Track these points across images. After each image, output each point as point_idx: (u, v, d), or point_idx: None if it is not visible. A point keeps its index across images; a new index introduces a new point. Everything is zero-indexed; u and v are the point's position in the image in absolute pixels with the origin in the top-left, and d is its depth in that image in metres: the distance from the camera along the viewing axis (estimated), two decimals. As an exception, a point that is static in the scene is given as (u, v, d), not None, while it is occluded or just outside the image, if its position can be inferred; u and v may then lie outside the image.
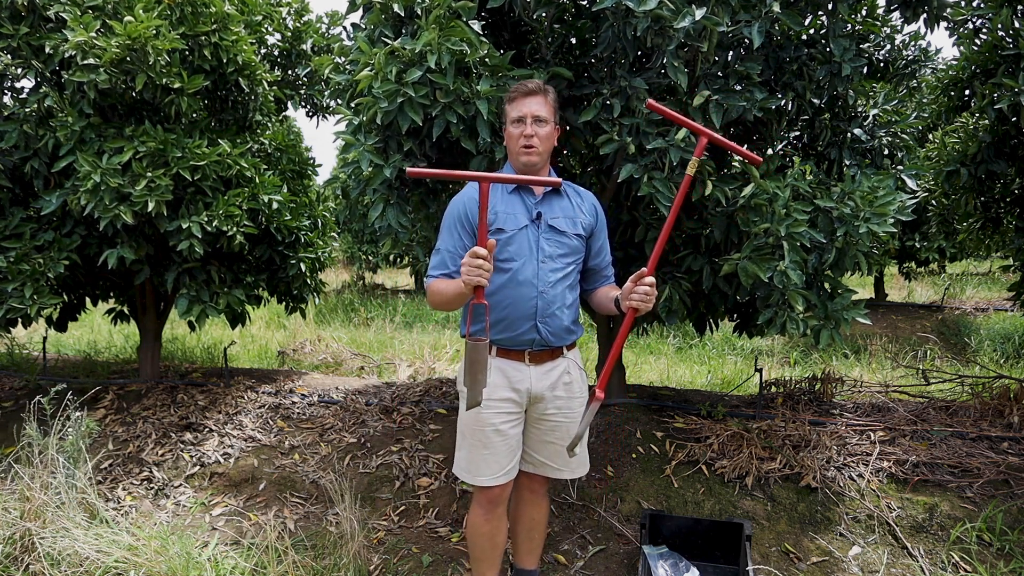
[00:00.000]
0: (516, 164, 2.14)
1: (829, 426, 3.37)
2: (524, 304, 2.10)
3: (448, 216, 2.16)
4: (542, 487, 2.37)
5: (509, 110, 2.12)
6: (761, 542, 2.71)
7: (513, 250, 2.10)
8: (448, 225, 2.15)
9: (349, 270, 14.09)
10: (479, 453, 2.15)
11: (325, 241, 4.54)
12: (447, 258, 2.13)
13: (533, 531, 2.40)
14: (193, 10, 3.47)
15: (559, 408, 2.21)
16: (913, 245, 8.61)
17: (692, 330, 5.96)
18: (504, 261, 2.10)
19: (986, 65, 3.33)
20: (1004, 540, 2.62)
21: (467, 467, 2.19)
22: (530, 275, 2.10)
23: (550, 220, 2.13)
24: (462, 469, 2.22)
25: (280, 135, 4.27)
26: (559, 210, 2.16)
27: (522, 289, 2.10)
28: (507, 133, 2.14)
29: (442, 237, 2.16)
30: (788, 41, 2.69)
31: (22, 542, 2.58)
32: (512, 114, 2.10)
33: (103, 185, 3.21)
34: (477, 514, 2.24)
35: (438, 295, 2.08)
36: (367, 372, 6.03)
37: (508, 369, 2.15)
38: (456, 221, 2.13)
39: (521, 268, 2.10)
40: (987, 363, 5.75)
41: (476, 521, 2.24)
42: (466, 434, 2.18)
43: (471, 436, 2.16)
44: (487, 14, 2.85)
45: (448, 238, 2.14)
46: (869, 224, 2.47)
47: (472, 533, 2.26)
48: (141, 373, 4.54)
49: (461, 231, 2.12)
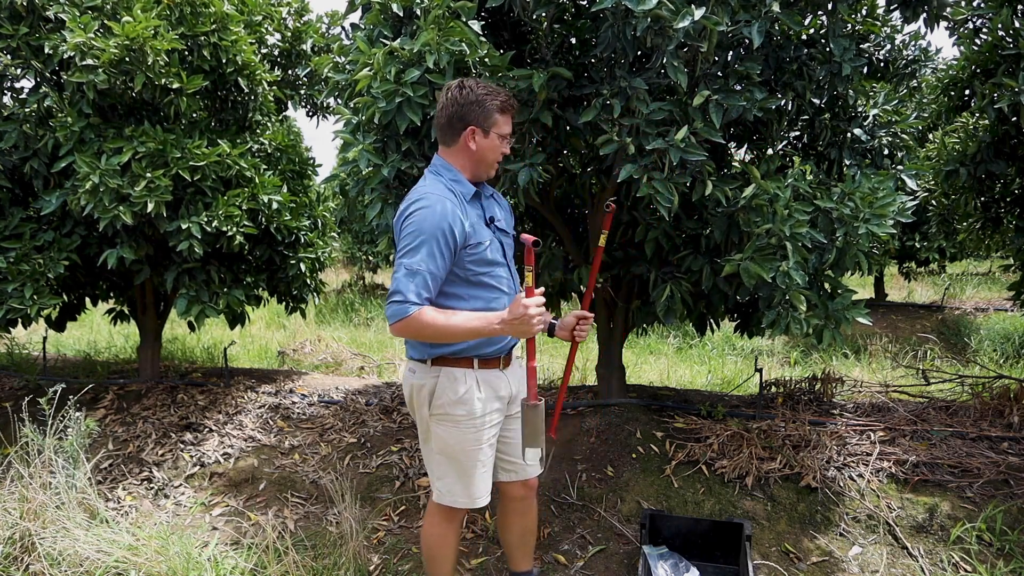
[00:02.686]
0: (477, 171, 2.03)
1: (829, 426, 3.37)
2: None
3: (428, 231, 1.87)
4: (533, 492, 2.32)
5: (500, 120, 1.98)
6: (761, 542, 2.71)
7: (491, 259, 2.02)
8: (428, 241, 1.86)
9: (349, 270, 14.08)
10: (476, 473, 2.08)
11: (325, 241, 4.54)
12: (430, 281, 1.87)
13: (527, 536, 2.36)
14: (192, 10, 3.47)
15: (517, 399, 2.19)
16: (913, 245, 8.61)
17: (692, 330, 5.96)
18: (485, 273, 2.01)
19: (986, 65, 3.33)
20: (1004, 540, 2.62)
21: (463, 491, 2.09)
22: (507, 281, 2.09)
23: (498, 223, 2.09)
24: (456, 495, 2.09)
25: (280, 135, 4.26)
26: (499, 212, 2.12)
27: (507, 298, 2.06)
28: (486, 141, 1.98)
29: (420, 255, 1.86)
30: (788, 41, 2.69)
31: (22, 542, 2.58)
32: (503, 128, 1.99)
33: (102, 186, 3.21)
34: (447, 529, 2.17)
35: (434, 329, 1.85)
36: (367, 372, 6.03)
37: (491, 379, 2.07)
38: (441, 239, 1.88)
39: (502, 278, 2.07)
40: (987, 363, 5.75)
41: (446, 536, 2.18)
42: (459, 458, 2.06)
43: (465, 459, 2.06)
44: (487, 14, 2.85)
45: (429, 258, 1.86)
46: (869, 225, 2.47)
47: (440, 545, 2.19)
48: (141, 373, 4.54)
49: (445, 251, 1.89)
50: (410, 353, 2.10)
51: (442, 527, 2.17)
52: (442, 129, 2.01)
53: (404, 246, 1.89)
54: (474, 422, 2.03)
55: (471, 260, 1.96)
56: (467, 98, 1.94)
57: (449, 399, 2.01)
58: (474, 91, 1.95)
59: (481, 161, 2.01)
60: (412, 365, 2.09)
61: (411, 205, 1.92)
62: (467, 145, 1.98)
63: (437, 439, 2.07)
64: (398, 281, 1.86)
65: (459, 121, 1.96)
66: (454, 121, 1.97)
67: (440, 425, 2.05)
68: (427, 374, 2.04)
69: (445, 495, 2.11)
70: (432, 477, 2.15)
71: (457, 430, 2.03)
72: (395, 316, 1.84)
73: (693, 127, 2.38)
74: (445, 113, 1.98)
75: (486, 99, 1.95)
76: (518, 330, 1.83)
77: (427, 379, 2.03)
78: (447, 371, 2.02)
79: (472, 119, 1.96)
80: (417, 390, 2.06)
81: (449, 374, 2.01)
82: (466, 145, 1.98)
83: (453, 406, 2.01)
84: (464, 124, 1.96)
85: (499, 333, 1.88)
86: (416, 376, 2.07)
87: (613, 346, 3.64)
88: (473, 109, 1.95)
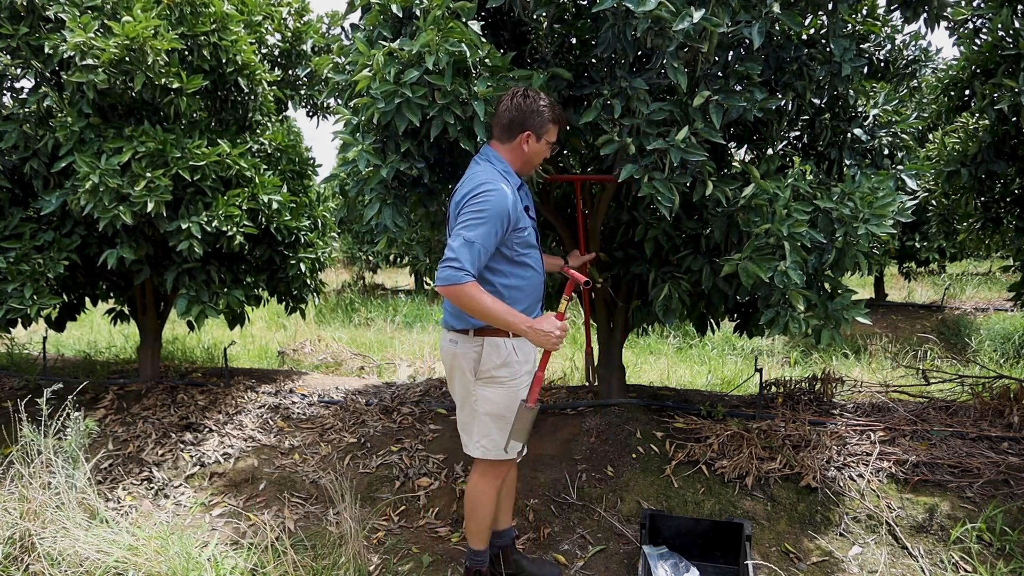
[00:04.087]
0: (523, 169, 2.30)
1: (829, 426, 3.37)
2: (540, 290, 2.34)
3: (493, 213, 2.06)
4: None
5: (552, 130, 2.23)
6: (761, 542, 2.71)
7: (531, 243, 2.27)
8: (491, 220, 2.06)
9: (349, 270, 14.08)
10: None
11: (325, 241, 4.54)
12: (483, 256, 2.07)
13: (511, 491, 2.60)
14: (192, 10, 3.47)
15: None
16: (913, 245, 8.61)
17: (692, 330, 5.96)
18: (526, 255, 2.24)
19: (986, 65, 3.33)
20: (1004, 540, 2.62)
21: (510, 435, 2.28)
22: (540, 263, 2.33)
23: (531, 213, 2.31)
24: (500, 449, 2.30)
25: (280, 135, 4.26)
26: (529, 201, 2.34)
27: (539, 277, 2.32)
28: (538, 146, 2.24)
29: (481, 231, 2.05)
30: (788, 41, 2.69)
31: (22, 542, 2.58)
32: (552, 136, 2.25)
33: (102, 185, 3.21)
34: (493, 483, 2.38)
35: (477, 304, 2.03)
36: (367, 372, 6.03)
37: (523, 345, 2.28)
38: (499, 223, 2.08)
39: (537, 260, 2.31)
40: (987, 363, 5.75)
41: (490, 490, 2.38)
42: (504, 415, 2.28)
43: (509, 415, 2.27)
44: (486, 14, 2.85)
45: (487, 236, 2.06)
46: (868, 225, 2.47)
47: (487, 499, 2.38)
48: (141, 373, 4.54)
49: (500, 232, 2.10)
50: (452, 323, 2.29)
51: (487, 481, 2.38)
52: (502, 128, 2.24)
53: (468, 220, 2.07)
54: (516, 381, 2.28)
55: (518, 242, 2.20)
56: (530, 106, 2.19)
57: (494, 363, 2.24)
58: (536, 101, 2.20)
59: (528, 162, 2.28)
60: (453, 336, 2.29)
61: (481, 185, 2.11)
62: (521, 146, 2.23)
63: (484, 401, 2.29)
64: (457, 249, 2.03)
65: (519, 125, 2.21)
66: (515, 123, 2.21)
67: (487, 388, 2.28)
68: (470, 344, 2.25)
69: (491, 450, 2.32)
70: (476, 437, 2.34)
71: (503, 389, 2.27)
72: (448, 280, 2.01)
73: (693, 127, 2.38)
74: (508, 115, 2.21)
75: (544, 110, 2.21)
76: (540, 340, 2.11)
77: (471, 348, 2.25)
78: (490, 340, 2.23)
79: (530, 125, 2.21)
80: (462, 358, 2.27)
81: (492, 342, 2.23)
82: (520, 146, 2.23)
83: (498, 369, 2.24)
84: (523, 128, 2.21)
85: (522, 334, 2.13)
86: (459, 346, 2.27)
87: (613, 346, 3.64)
88: (533, 117, 2.20)
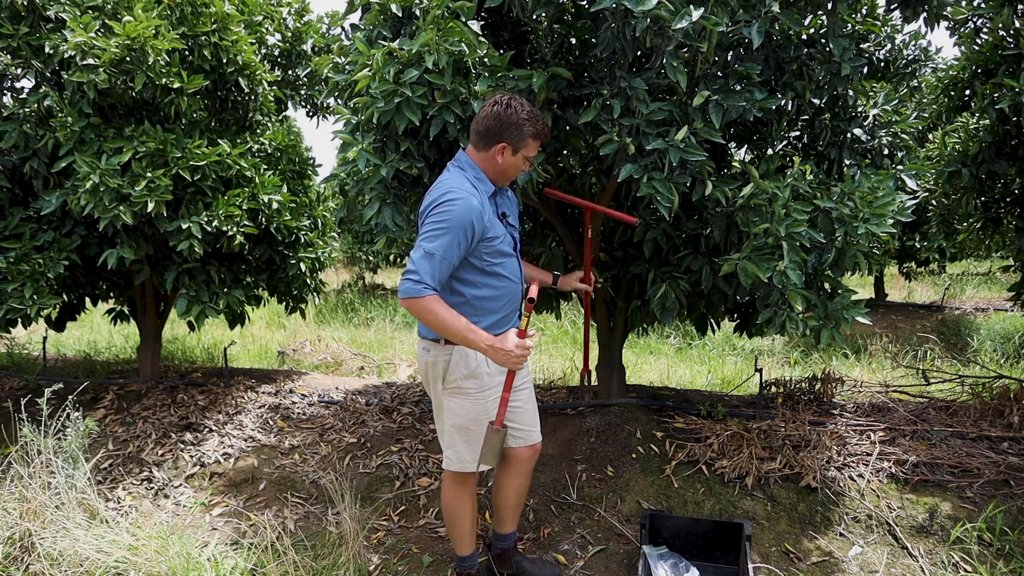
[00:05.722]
0: (496, 180, 2.20)
1: (829, 426, 3.37)
2: (517, 298, 2.28)
3: (455, 223, 1.99)
4: (536, 455, 2.46)
5: (531, 145, 2.15)
6: (761, 542, 2.71)
7: (504, 251, 2.20)
8: (453, 231, 1.99)
9: (349, 270, 14.08)
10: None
11: (325, 241, 4.54)
12: (445, 269, 2.01)
13: (520, 497, 2.50)
14: (193, 10, 3.47)
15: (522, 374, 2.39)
16: (913, 245, 8.60)
17: (692, 330, 5.96)
18: (498, 264, 2.18)
19: (987, 65, 3.33)
20: (1004, 540, 2.62)
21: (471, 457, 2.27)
22: (516, 272, 2.27)
23: (509, 219, 2.28)
24: (464, 461, 2.27)
25: (280, 135, 4.26)
26: (509, 209, 2.31)
27: (515, 286, 2.26)
28: (513, 159, 2.15)
29: (442, 242, 1.99)
30: (788, 41, 2.69)
31: (22, 542, 2.58)
32: (531, 151, 2.17)
33: (102, 185, 3.21)
34: (461, 492, 2.36)
35: (435, 318, 1.98)
36: (367, 372, 6.03)
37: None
38: (462, 233, 2.01)
39: (513, 268, 2.25)
40: (987, 363, 5.75)
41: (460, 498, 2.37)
42: (470, 427, 2.24)
43: (476, 427, 2.23)
44: (486, 14, 2.85)
45: (449, 248, 2.00)
46: (868, 225, 2.46)
47: (457, 508, 2.38)
48: (141, 373, 4.54)
49: (463, 243, 2.03)
50: (424, 332, 2.24)
51: (456, 490, 2.36)
52: (478, 135, 2.15)
53: (429, 231, 2.01)
54: (483, 394, 2.21)
55: (487, 252, 2.13)
56: (509, 118, 2.09)
57: (461, 374, 2.18)
58: (517, 113, 2.10)
59: (503, 174, 2.19)
60: (426, 344, 2.24)
61: (444, 195, 2.04)
62: (495, 157, 2.14)
63: (450, 412, 2.25)
64: (417, 261, 1.98)
65: (495, 135, 2.12)
66: (491, 133, 2.12)
67: (453, 398, 2.23)
68: (440, 352, 2.19)
69: (455, 462, 2.29)
70: (444, 447, 2.32)
71: (468, 402, 2.21)
72: (407, 293, 1.97)
73: (693, 127, 2.38)
74: (485, 123, 2.12)
75: (525, 124, 2.11)
76: (499, 359, 2.05)
77: (440, 357, 2.19)
78: (459, 349, 2.16)
79: (507, 137, 2.11)
80: (432, 367, 2.23)
81: (461, 352, 2.17)
82: (495, 156, 2.14)
83: (465, 380, 2.19)
84: (499, 139, 2.12)
85: (482, 352, 2.06)
86: (430, 354, 2.22)
87: (613, 346, 3.64)
88: (511, 130, 2.11)
